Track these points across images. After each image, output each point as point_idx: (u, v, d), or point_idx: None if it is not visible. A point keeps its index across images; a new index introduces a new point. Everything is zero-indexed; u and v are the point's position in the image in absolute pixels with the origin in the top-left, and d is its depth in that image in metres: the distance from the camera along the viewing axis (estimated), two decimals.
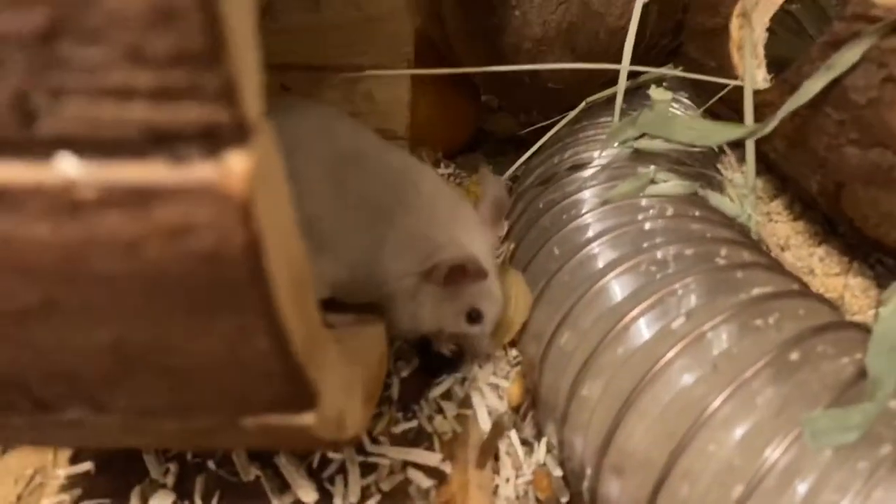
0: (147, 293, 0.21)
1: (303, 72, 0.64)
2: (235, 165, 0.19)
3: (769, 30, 0.62)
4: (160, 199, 0.19)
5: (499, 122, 1.00)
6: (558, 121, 0.71)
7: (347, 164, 0.47)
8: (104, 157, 0.19)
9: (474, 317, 0.52)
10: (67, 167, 0.19)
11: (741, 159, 0.62)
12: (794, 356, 0.42)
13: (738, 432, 0.40)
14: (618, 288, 0.51)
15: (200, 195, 0.19)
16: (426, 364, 0.56)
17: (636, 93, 0.72)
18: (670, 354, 0.44)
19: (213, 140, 0.19)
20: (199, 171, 0.19)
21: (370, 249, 0.47)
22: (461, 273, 0.47)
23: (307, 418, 0.28)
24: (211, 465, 0.48)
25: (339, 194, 0.46)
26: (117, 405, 0.26)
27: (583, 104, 0.70)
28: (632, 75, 0.68)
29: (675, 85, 0.73)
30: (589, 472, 0.47)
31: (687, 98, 0.73)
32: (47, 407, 0.27)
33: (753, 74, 0.59)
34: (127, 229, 0.20)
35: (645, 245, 0.52)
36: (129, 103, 0.18)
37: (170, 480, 0.48)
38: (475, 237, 0.51)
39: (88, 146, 0.19)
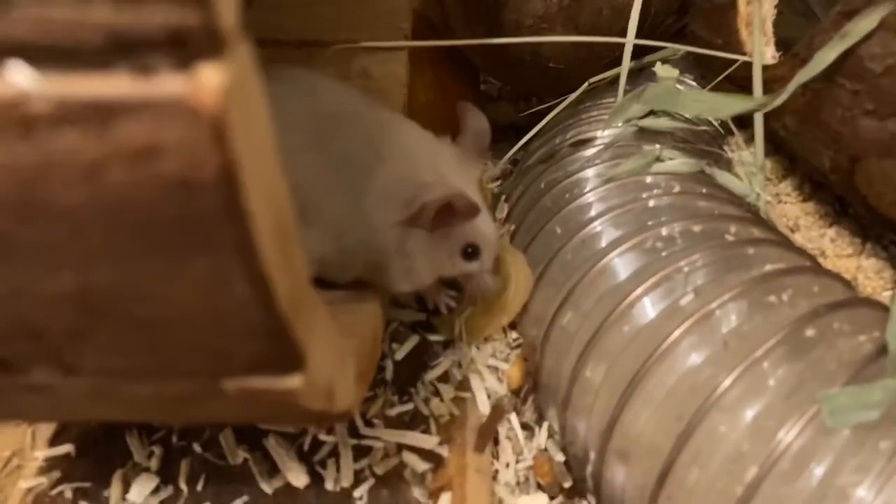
0: (111, 228, 0.19)
1: (296, 47, 0.62)
2: (208, 79, 0.17)
3: (777, 11, 0.61)
4: (123, 116, 0.17)
5: (499, 110, 0.98)
6: (560, 102, 0.69)
7: (328, 126, 0.45)
8: (60, 67, 0.17)
9: (471, 252, 0.49)
10: (19, 78, 0.17)
11: (749, 140, 0.60)
12: (810, 333, 0.40)
13: (750, 414, 0.38)
14: (622, 266, 0.49)
15: (168, 111, 0.17)
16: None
17: (640, 74, 0.70)
18: (677, 333, 0.42)
19: (182, 49, 0.17)
20: (166, 84, 0.17)
21: (356, 209, 0.45)
22: (450, 212, 0.45)
23: (293, 381, 0.25)
24: (197, 447, 0.46)
25: (322, 159, 0.44)
26: (86, 365, 0.24)
27: (585, 85, 0.68)
28: (636, 55, 0.66)
29: (681, 67, 0.71)
30: (592, 456, 0.45)
31: (693, 80, 0.71)
32: (10, 367, 0.24)
33: (762, 51, 0.57)
34: (87, 150, 0.17)
35: (650, 223, 0.50)
36: (88, 4, 0.16)
37: (154, 464, 0.46)
38: (460, 173, 0.49)
39: (42, 54, 0.17)
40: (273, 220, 0.21)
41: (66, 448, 0.46)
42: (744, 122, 0.62)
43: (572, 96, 0.68)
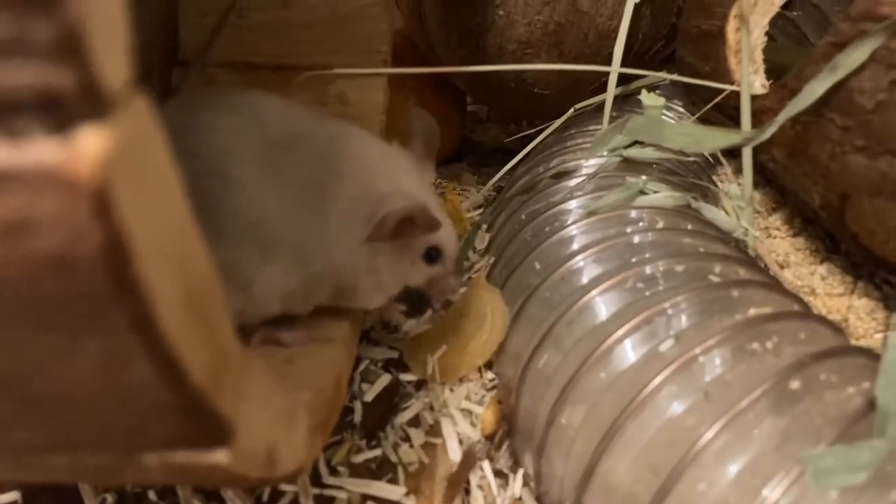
0: None
1: (272, 72, 0.60)
2: (87, 145, 0.15)
3: (770, 37, 0.59)
4: None
5: (487, 133, 0.97)
6: (545, 128, 0.67)
7: (279, 154, 0.43)
8: None
9: (433, 255, 0.49)
10: None
11: (738, 171, 0.58)
12: (795, 385, 0.38)
13: (733, 469, 0.36)
14: (602, 306, 0.47)
15: (42, 182, 0.15)
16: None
17: (627, 101, 0.68)
18: (658, 380, 0.40)
19: (57, 112, 0.15)
20: (40, 150, 0.15)
21: (321, 235, 0.43)
22: (410, 225, 0.44)
23: (220, 456, 0.23)
24: (152, 495, 0.44)
25: (279, 189, 0.42)
26: None
27: (570, 111, 0.66)
28: (622, 82, 0.64)
29: (669, 93, 0.69)
30: None
31: (681, 107, 0.69)
32: None
33: (751, 81, 0.55)
34: None
35: (633, 260, 0.48)
36: None
37: None
38: (414, 178, 0.48)
39: None
40: (183, 291, 0.19)
41: (12, 496, 0.44)
42: (734, 152, 0.60)
43: (557, 122, 0.66)
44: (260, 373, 0.26)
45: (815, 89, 0.45)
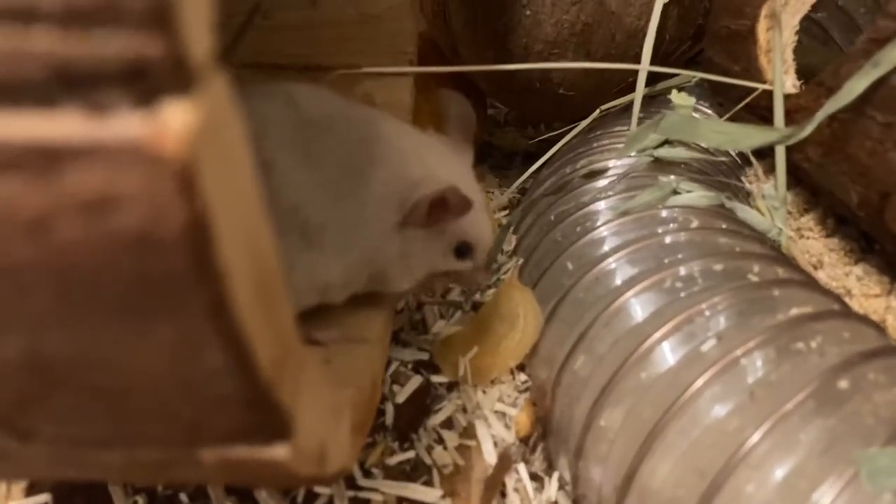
0: (61, 290, 0.16)
1: (298, 72, 0.60)
2: (173, 119, 0.14)
3: (796, 37, 0.58)
4: (73, 162, 0.15)
5: (506, 136, 0.96)
6: (570, 129, 0.66)
7: (315, 139, 0.42)
8: None
9: (463, 251, 0.48)
10: None
11: (768, 171, 0.58)
12: (843, 385, 0.37)
13: (780, 472, 0.35)
14: (639, 306, 0.46)
15: (126, 157, 0.14)
16: None
17: (653, 102, 0.67)
18: (700, 382, 0.39)
19: (143, 84, 0.14)
20: (124, 124, 0.14)
21: (358, 221, 0.43)
22: (443, 207, 0.43)
23: (279, 451, 0.23)
24: (184, 497, 0.43)
25: (316, 175, 0.41)
26: (44, 433, 0.21)
27: (597, 112, 0.65)
28: (649, 83, 0.64)
29: (695, 94, 0.68)
30: None
31: (708, 108, 0.68)
32: None
33: (783, 79, 0.55)
34: (30, 201, 0.15)
35: (667, 260, 0.47)
36: (29, 30, 0.14)
37: None
38: (449, 164, 0.48)
39: None
40: (254, 276, 0.18)
41: (44, 498, 0.43)
42: (762, 152, 0.59)
43: (584, 123, 0.65)
44: (313, 367, 0.26)
45: (855, 86, 0.44)
